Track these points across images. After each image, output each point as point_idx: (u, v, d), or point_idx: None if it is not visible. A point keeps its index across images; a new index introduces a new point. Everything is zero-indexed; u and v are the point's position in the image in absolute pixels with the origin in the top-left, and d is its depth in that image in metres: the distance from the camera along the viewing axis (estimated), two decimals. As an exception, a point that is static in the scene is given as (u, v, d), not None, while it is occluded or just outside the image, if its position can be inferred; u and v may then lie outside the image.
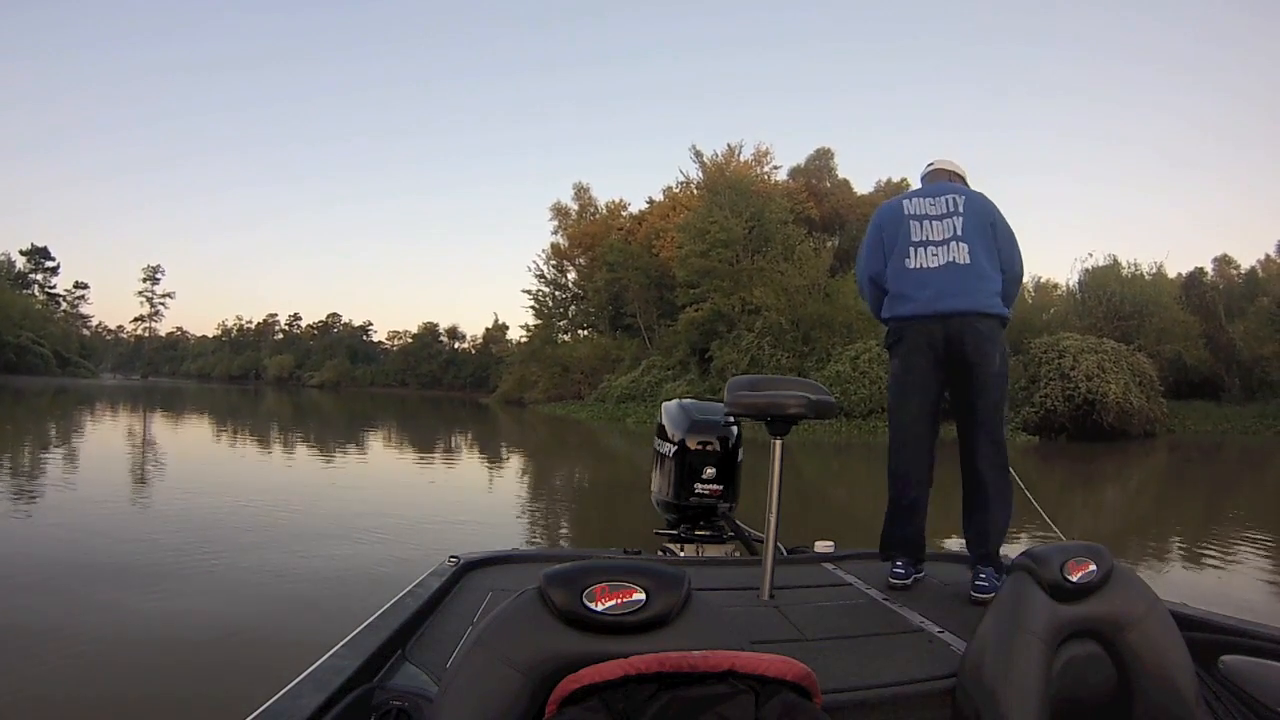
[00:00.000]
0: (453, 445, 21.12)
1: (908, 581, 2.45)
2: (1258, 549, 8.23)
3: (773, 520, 2.29)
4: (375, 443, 20.70)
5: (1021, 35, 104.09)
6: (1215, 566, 7.24)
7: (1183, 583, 6.56)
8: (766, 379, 2.50)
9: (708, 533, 3.22)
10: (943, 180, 2.82)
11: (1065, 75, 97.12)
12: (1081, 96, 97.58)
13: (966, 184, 2.85)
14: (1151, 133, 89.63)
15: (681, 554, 3.10)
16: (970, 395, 2.54)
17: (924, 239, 2.60)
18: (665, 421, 3.30)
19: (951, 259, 2.55)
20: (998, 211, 2.67)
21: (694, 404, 3.37)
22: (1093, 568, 1.46)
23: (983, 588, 2.33)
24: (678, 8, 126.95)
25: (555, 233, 52.68)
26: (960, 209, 2.60)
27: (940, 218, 2.61)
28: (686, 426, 3.19)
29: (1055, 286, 38.25)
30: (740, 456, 3.22)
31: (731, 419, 3.18)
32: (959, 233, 2.57)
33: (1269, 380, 30.91)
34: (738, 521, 3.25)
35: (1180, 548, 8.20)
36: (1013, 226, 2.70)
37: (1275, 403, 29.68)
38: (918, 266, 2.59)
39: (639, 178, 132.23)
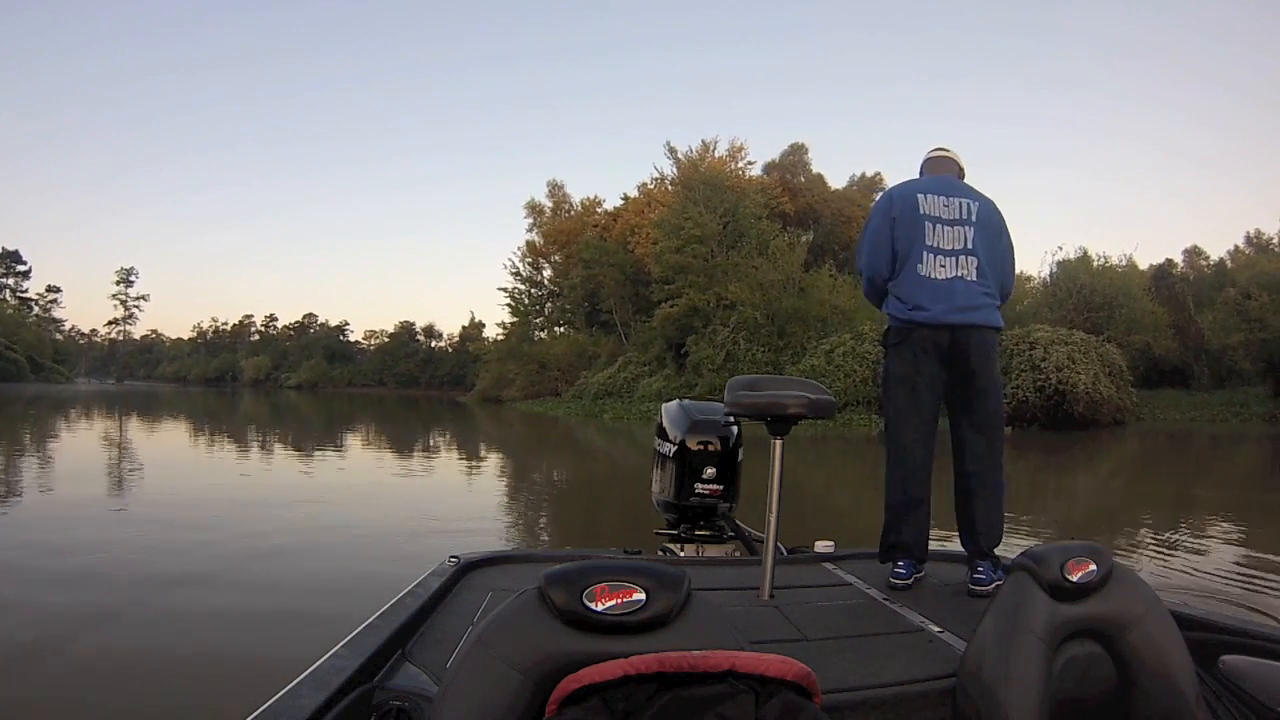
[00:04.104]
0: (439, 446, 20.87)
1: (909, 582, 2.44)
2: (1219, 523, 8.58)
3: (773, 520, 2.29)
4: (362, 445, 20.33)
5: (994, 27, 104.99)
6: (1182, 541, 7.56)
7: (1157, 556, 6.84)
8: (766, 379, 2.51)
9: (708, 533, 3.22)
10: (949, 173, 2.78)
11: (1040, 67, 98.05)
12: (1055, 89, 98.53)
13: (963, 175, 2.83)
14: (1125, 125, 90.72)
15: (681, 554, 3.10)
16: (970, 398, 2.58)
17: (936, 245, 2.57)
18: (665, 421, 3.28)
19: (960, 273, 2.54)
20: (1005, 225, 2.68)
21: (694, 404, 3.34)
22: (1093, 567, 1.46)
23: (980, 580, 2.38)
24: (653, 4, 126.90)
25: (530, 230, 52.80)
26: (974, 218, 2.58)
27: (952, 223, 2.57)
28: (686, 426, 3.17)
29: (1028, 279, 38.65)
30: (740, 456, 3.20)
31: (731, 419, 3.17)
32: (969, 245, 2.55)
33: (1236, 369, 31.46)
34: (738, 521, 3.25)
35: (1146, 525, 8.53)
36: None
37: (1243, 391, 30.25)
38: (927, 275, 2.57)
39: (614, 174, 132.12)
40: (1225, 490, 12.31)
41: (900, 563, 2.47)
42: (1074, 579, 1.44)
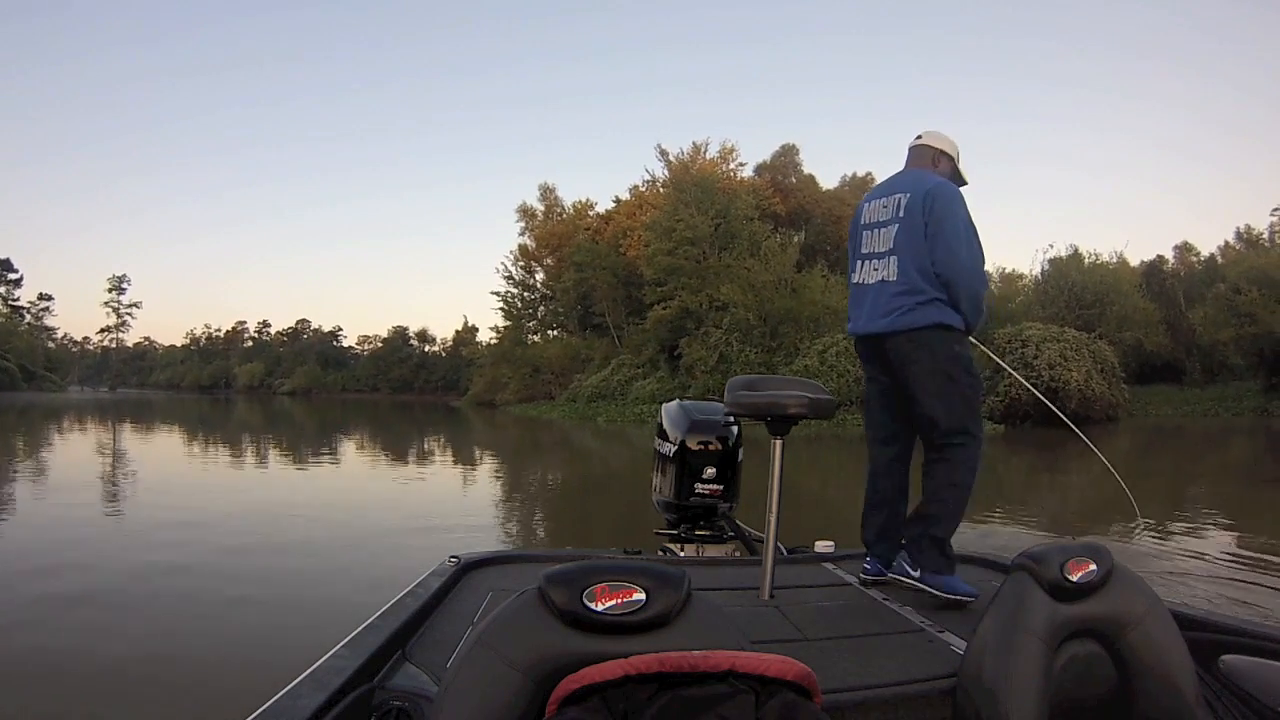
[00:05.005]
0: (435, 450, 20.75)
1: (878, 578, 2.46)
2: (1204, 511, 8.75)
3: (773, 520, 2.29)
4: (360, 452, 20.14)
5: (984, 25, 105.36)
6: (1165, 528, 7.83)
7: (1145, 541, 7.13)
8: (766, 379, 2.48)
9: (708, 533, 3.22)
10: (921, 163, 2.63)
11: (1030, 65, 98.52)
12: (1045, 86, 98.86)
13: (953, 161, 2.65)
14: (1115, 121, 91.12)
15: (681, 554, 3.09)
16: (908, 402, 2.49)
17: (871, 251, 2.54)
18: (666, 422, 3.27)
19: (883, 276, 2.48)
20: (939, 208, 2.39)
21: (694, 404, 3.34)
22: (1093, 567, 1.46)
23: (902, 568, 2.40)
24: (643, 5, 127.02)
25: (522, 234, 52.64)
26: (900, 212, 2.45)
27: (884, 225, 2.50)
28: (686, 426, 3.16)
29: (1020, 277, 38.88)
30: (740, 456, 3.20)
31: (731, 419, 3.17)
32: (891, 244, 2.46)
33: (1228, 364, 31.81)
34: (738, 521, 3.25)
35: (1133, 514, 8.57)
36: (980, 218, 2.48)
37: (1234, 385, 30.53)
38: (859, 282, 2.57)
39: (605, 177, 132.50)
40: (1222, 478, 12.41)
41: (867, 559, 2.52)
42: (1074, 579, 1.44)
